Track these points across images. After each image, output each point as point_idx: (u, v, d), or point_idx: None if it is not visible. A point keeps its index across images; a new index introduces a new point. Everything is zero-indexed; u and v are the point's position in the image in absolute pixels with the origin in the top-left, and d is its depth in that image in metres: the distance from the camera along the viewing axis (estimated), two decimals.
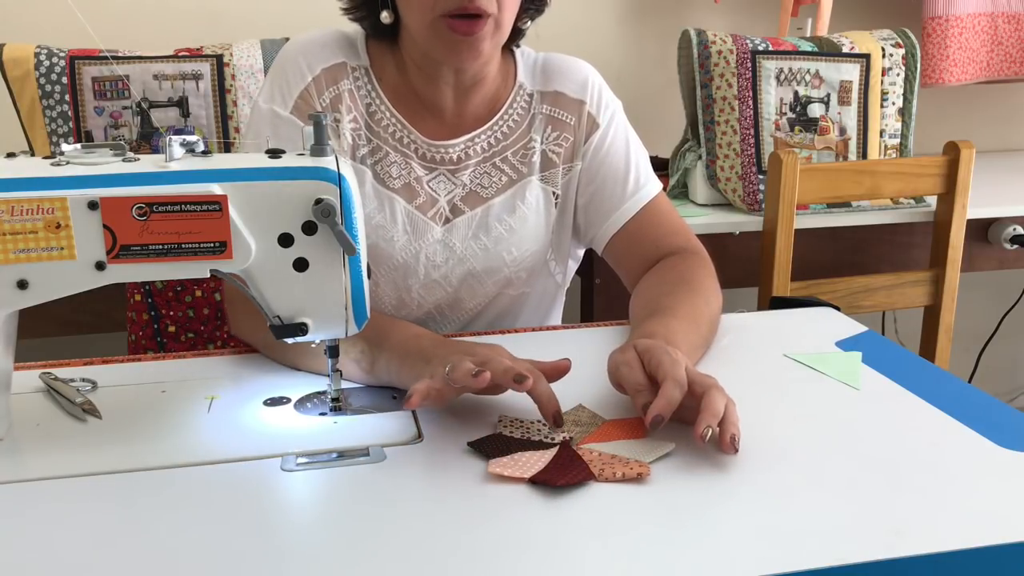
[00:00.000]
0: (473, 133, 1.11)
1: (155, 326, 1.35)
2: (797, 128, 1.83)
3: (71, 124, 1.60)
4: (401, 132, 1.09)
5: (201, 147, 0.77)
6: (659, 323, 0.92)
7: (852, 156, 1.86)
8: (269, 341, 0.97)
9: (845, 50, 1.87)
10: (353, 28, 1.13)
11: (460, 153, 1.11)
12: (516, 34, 1.12)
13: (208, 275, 0.75)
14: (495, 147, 1.12)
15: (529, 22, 1.13)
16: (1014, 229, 1.86)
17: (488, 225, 1.11)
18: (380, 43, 1.12)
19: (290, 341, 0.79)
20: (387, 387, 0.90)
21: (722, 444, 0.73)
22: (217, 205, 0.72)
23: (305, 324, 0.78)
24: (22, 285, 0.72)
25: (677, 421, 0.77)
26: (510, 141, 1.13)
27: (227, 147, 1.61)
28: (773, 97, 1.82)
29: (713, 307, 1.02)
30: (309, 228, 0.75)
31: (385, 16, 1.06)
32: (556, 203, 1.15)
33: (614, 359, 0.84)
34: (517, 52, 1.16)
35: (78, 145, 0.75)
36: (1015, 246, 1.86)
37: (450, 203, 1.10)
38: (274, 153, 0.77)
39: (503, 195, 1.12)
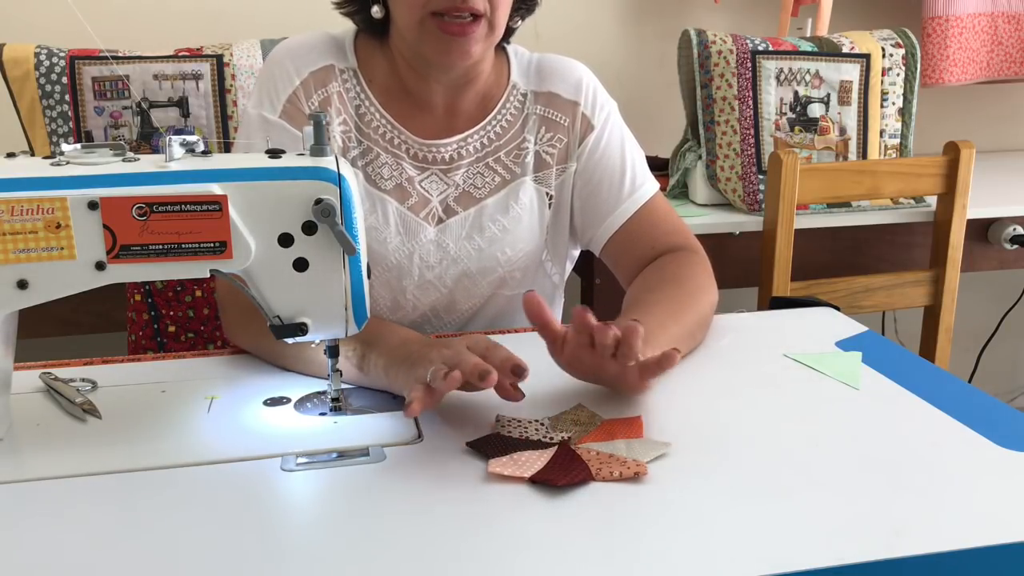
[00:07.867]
0: (466, 133, 1.11)
1: (155, 326, 1.35)
2: (797, 128, 1.83)
3: (71, 124, 1.60)
4: (391, 133, 1.09)
5: (201, 147, 0.77)
6: (636, 314, 0.92)
7: (852, 156, 1.86)
8: (263, 346, 0.97)
9: (845, 50, 1.87)
10: (341, 30, 1.13)
11: (453, 153, 1.11)
12: (507, 33, 1.11)
13: (208, 275, 0.75)
14: (488, 147, 1.12)
15: (520, 21, 1.12)
16: (1014, 229, 1.86)
17: (482, 225, 1.11)
18: (370, 41, 1.11)
19: (290, 341, 0.79)
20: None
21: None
22: (217, 205, 0.72)
23: (305, 324, 0.78)
24: (22, 285, 0.72)
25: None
26: (503, 141, 1.12)
27: (227, 147, 1.61)
28: (773, 97, 1.82)
29: (702, 301, 1.02)
30: (309, 228, 0.75)
31: (376, 11, 1.06)
32: (550, 204, 1.14)
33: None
34: (510, 51, 1.16)
35: (78, 145, 0.75)
36: (1015, 246, 1.86)
37: (443, 203, 1.10)
38: (274, 153, 0.77)
39: (496, 195, 1.11)
